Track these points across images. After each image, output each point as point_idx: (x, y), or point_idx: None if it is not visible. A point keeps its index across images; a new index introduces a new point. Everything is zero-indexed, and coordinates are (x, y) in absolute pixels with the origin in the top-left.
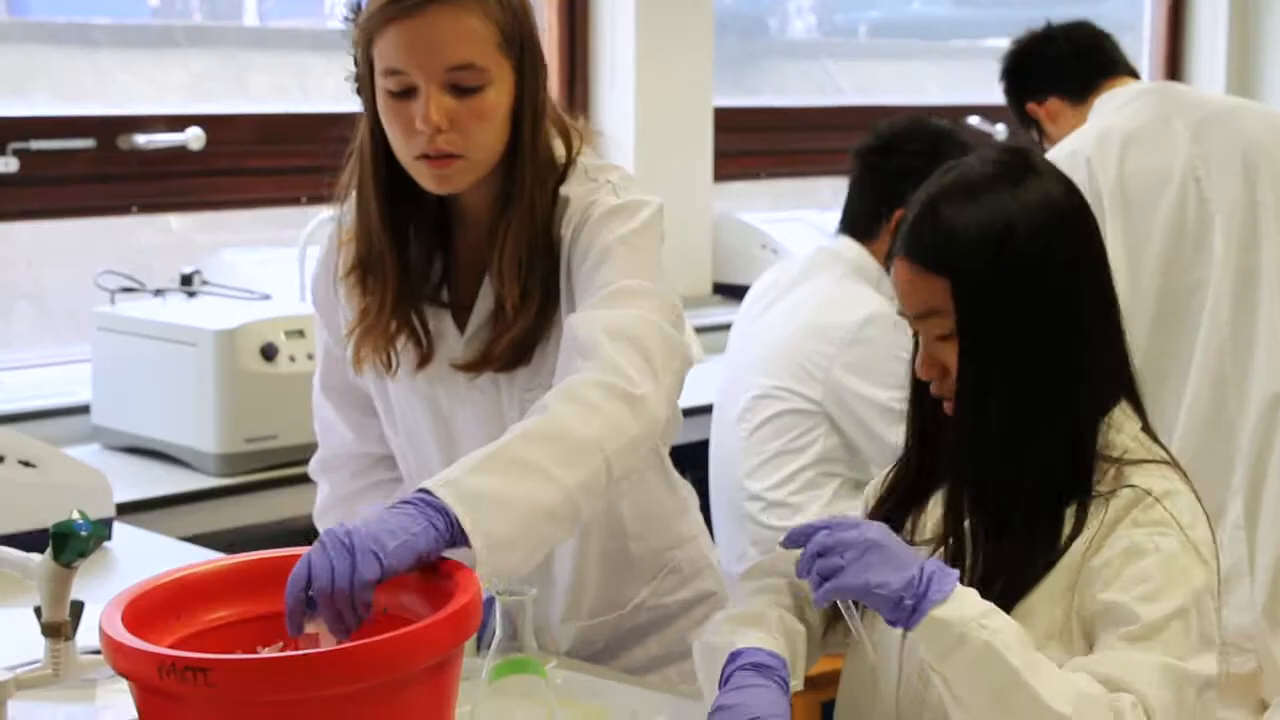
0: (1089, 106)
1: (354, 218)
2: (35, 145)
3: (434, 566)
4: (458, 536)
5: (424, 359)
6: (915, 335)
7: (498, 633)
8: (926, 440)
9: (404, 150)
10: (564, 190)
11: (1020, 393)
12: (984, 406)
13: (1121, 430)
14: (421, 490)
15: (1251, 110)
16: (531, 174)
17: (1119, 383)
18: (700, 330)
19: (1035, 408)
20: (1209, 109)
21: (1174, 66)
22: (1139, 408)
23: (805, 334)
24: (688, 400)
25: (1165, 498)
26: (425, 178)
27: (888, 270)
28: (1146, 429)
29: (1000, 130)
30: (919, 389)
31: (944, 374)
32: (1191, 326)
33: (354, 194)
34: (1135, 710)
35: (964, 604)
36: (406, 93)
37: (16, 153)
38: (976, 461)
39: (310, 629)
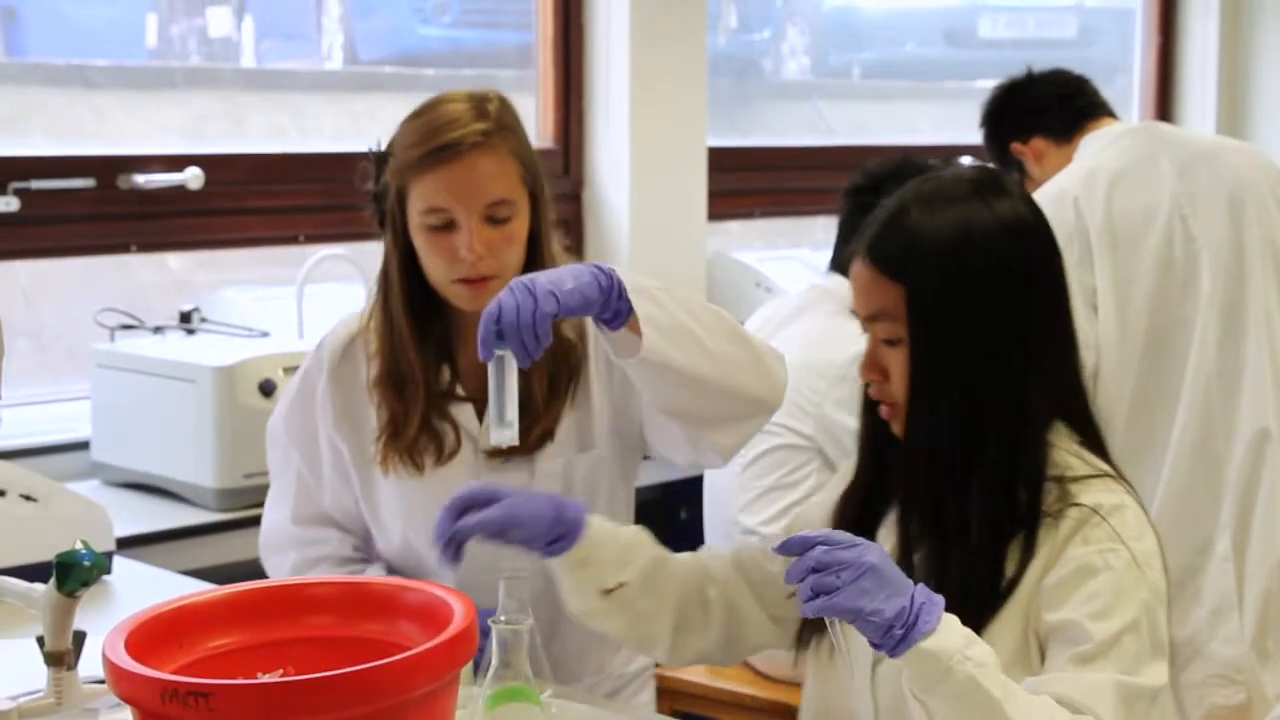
0: (1074, 147)
1: (378, 336)
2: (35, 185)
3: (431, 596)
4: (616, 302)
5: (451, 453)
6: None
7: (494, 661)
8: (879, 458)
9: (443, 275)
10: None
11: (968, 403)
12: (935, 411)
13: (1060, 448)
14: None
15: (1236, 149)
16: None
17: (1063, 401)
18: None
19: (983, 419)
20: (1195, 148)
21: (1165, 107)
22: (1083, 425)
23: (797, 370)
24: None
25: (1113, 514)
26: (462, 299)
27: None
28: (1086, 443)
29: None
30: (871, 409)
31: (884, 378)
32: (1179, 362)
33: (370, 315)
34: None
35: (949, 635)
36: (446, 225)
37: (17, 192)
38: (928, 468)
39: (499, 353)
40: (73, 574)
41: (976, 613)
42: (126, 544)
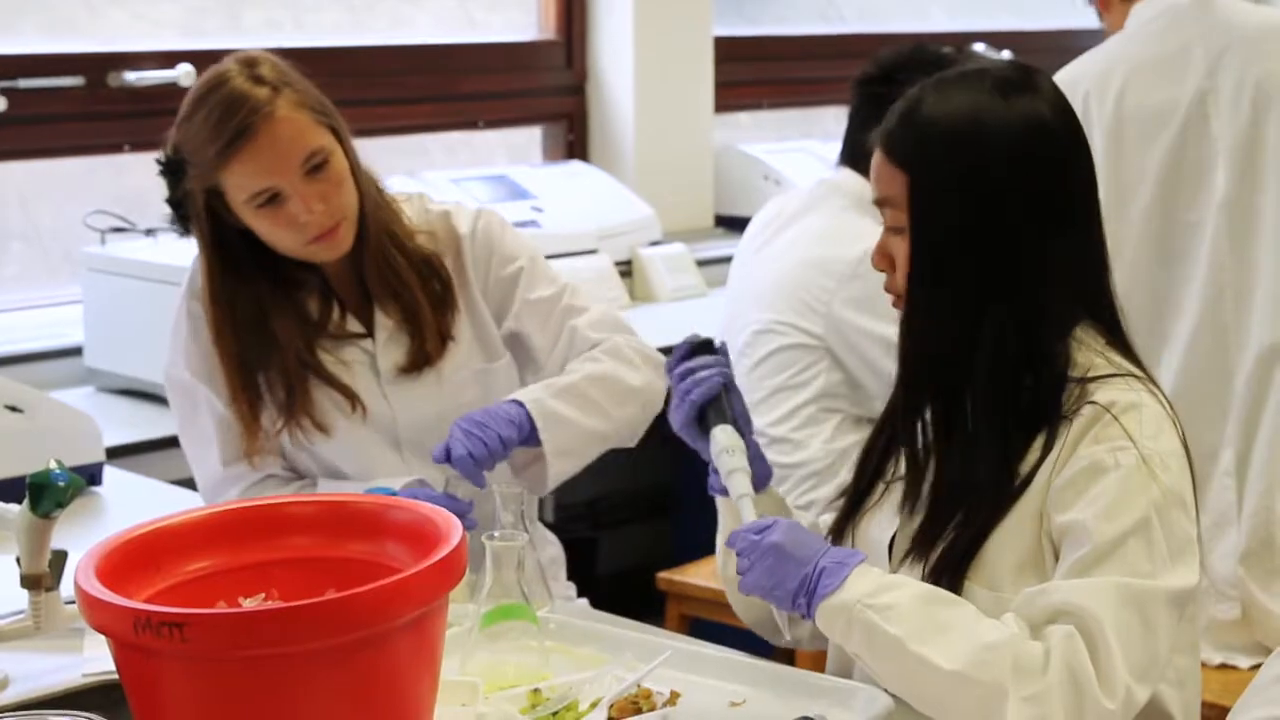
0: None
1: (213, 332)
2: (23, 84)
3: (418, 515)
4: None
5: (358, 399)
6: None
7: (489, 579)
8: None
9: (295, 242)
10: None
11: (968, 299)
12: (932, 303)
13: (1085, 348)
14: (515, 400)
15: None
16: (372, 203)
17: (1088, 301)
18: (702, 264)
19: (986, 317)
20: (1238, 34)
21: None
22: (1111, 325)
23: (805, 268)
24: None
25: (1126, 412)
26: (319, 253)
27: None
28: (1113, 344)
29: (1006, 58)
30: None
31: (892, 267)
32: (1190, 267)
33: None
34: (1070, 640)
35: (854, 588)
36: (274, 199)
37: (4, 91)
38: (926, 366)
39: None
40: (46, 495)
41: (987, 512)
42: (118, 453)
